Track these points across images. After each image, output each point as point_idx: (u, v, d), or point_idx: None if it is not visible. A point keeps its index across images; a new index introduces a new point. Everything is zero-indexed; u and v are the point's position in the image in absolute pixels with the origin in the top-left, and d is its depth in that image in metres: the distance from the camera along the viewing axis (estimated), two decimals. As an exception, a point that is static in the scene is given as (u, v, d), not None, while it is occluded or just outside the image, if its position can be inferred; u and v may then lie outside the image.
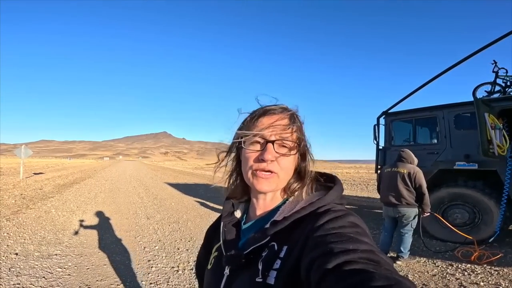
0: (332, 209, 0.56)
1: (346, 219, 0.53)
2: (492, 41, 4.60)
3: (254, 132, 0.61)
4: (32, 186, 11.91)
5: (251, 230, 0.64)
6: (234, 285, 0.59)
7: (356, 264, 0.41)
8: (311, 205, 0.58)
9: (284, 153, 0.60)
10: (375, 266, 0.40)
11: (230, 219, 0.70)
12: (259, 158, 0.60)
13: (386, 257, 0.45)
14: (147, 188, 13.16)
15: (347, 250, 0.44)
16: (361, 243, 0.46)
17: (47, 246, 4.32)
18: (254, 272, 0.55)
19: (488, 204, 4.46)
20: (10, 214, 6.44)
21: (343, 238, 0.47)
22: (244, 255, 0.58)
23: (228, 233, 0.67)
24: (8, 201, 8.13)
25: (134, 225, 5.95)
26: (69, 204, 8.09)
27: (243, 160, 0.63)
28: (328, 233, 0.49)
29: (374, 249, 0.46)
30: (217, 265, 0.66)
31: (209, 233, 0.81)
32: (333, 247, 0.45)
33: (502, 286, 3.09)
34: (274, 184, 0.61)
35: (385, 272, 0.39)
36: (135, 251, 4.31)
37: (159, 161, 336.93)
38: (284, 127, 0.61)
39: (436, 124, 5.32)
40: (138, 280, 3.32)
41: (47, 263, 3.66)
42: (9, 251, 4.05)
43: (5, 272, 3.34)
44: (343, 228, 0.50)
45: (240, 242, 0.65)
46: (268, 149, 0.59)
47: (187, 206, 8.33)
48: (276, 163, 0.60)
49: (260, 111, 0.64)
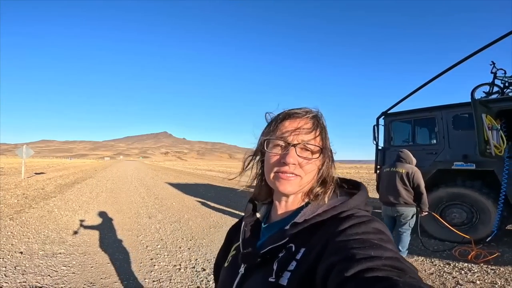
0: (355, 214, 0.55)
1: (370, 225, 0.51)
2: (491, 42, 4.65)
3: (277, 135, 0.62)
4: (34, 186, 11.98)
5: (271, 231, 0.65)
6: (247, 283, 0.59)
7: (379, 271, 0.39)
8: (334, 209, 0.57)
9: (306, 156, 0.60)
10: (400, 274, 0.39)
11: (251, 219, 0.71)
12: (281, 161, 0.60)
13: (411, 265, 0.43)
14: (148, 188, 13.23)
15: (370, 256, 0.42)
16: (386, 250, 0.44)
17: (51, 245, 4.39)
18: (268, 271, 0.54)
19: (486, 204, 4.52)
20: (13, 213, 6.51)
21: (366, 244, 0.45)
22: (261, 254, 0.58)
23: (247, 233, 0.68)
24: (10, 200, 8.20)
25: (136, 224, 6.02)
26: (71, 203, 8.16)
27: (266, 163, 0.64)
28: (351, 238, 0.48)
29: (398, 256, 0.44)
30: (233, 263, 0.66)
31: (230, 233, 0.81)
32: (355, 253, 0.43)
33: (498, 284, 3.15)
34: (296, 186, 0.61)
35: (410, 280, 0.37)
36: (137, 250, 4.38)
37: (160, 161, 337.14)
38: (307, 130, 0.61)
39: (435, 124, 5.38)
40: (142, 278, 3.39)
41: (51, 262, 3.73)
42: (14, 250, 4.11)
43: (11, 271, 3.40)
44: (366, 234, 0.49)
45: (258, 242, 0.65)
46: (290, 152, 0.59)
47: (188, 206, 8.40)
48: (298, 167, 0.60)
49: (283, 115, 0.64)
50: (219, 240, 5.01)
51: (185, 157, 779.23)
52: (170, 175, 23.38)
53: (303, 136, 0.60)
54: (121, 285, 3.19)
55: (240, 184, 0.75)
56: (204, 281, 3.35)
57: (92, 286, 3.14)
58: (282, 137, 0.61)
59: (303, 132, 0.60)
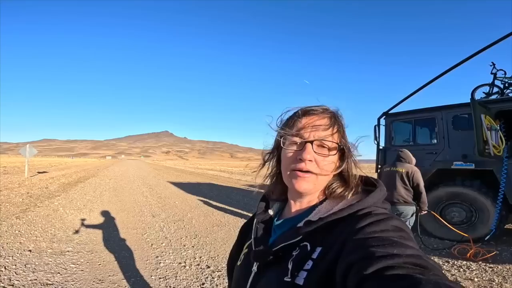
0: (373, 212, 0.54)
1: (389, 222, 0.50)
2: (491, 43, 4.70)
3: (294, 131, 0.61)
4: (37, 185, 12.09)
5: (283, 228, 0.64)
6: (261, 282, 0.58)
7: (401, 269, 0.38)
8: (350, 207, 0.55)
9: (323, 153, 0.60)
10: (422, 271, 0.38)
11: (263, 216, 0.71)
12: (298, 157, 0.59)
13: (434, 262, 0.42)
14: (150, 187, 13.34)
15: (391, 254, 0.41)
16: (406, 248, 0.43)
17: (59, 243, 4.49)
18: (283, 270, 0.54)
19: (485, 203, 4.59)
20: (19, 212, 6.60)
21: (385, 242, 0.44)
22: (273, 252, 0.57)
23: (259, 230, 0.68)
24: (15, 199, 8.31)
25: (140, 223, 6.12)
26: (75, 202, 8.27)
27: (283, 160, 0.64)
28: (369, 236, 0.47)
29: (420, 254, 0.43)
30: (246, 262, 0.66)
31: (243, 231, 0.81)
32: (374, 251, 0.43)
33: (495, 282, 3.22)
34: (312, 184, 0.60)
35: (434, 277, 0.36)
36: (143, 248, 4.48)
37: (161, 160, 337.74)
38: (324, 127, 0.61)
39: (435, 124, 5.45)
40: (148, 275, 3.49)
41: (60, 260, 3.83)
42: (23, 248, 4.21)
43: (21, 269, 3.49)
44: (385, 232, 0.47)
45: (270, 239, 0.65)
46: (306, 148, 0.59)
47: (191, 205, 8.50)
48: (314, 164, 0.59)
49: (300, 111, 0.64)
50: (222, 238, 5.11)
51: (186, 156, 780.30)
52: (172, 174, 23.51)
53: (320, 133, 0.60)
54: (129, 282, 3.29)
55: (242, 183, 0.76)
56: (209, 278, 3.44)
57: (101, 283, 3.24)
58: (298, 134, 0.61)
59: (320, 129, 0.60)
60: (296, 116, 0.63)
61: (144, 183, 14.97)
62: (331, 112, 0.64)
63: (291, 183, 0.61)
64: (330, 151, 0.60)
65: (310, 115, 0.62)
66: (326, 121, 0.62)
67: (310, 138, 0.60)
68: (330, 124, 0.61)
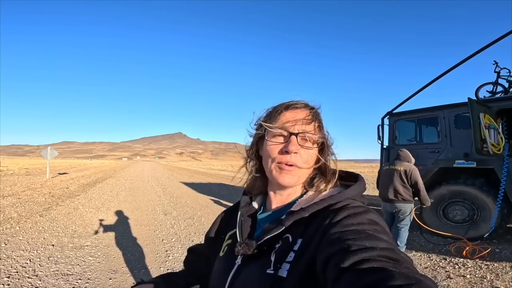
0: (351, 205, 0.55)
1: (365, 216, 0.52)
2: (492, 42, 4.71)
3: (278, 124, 0.62)
4: (58, 186, 12.77)
5: (267, 221, 0.64)
6: (243, 274, 0.58)
7: (375, 262, 0.40)
8: (331, 198, 0.57)
9: (306, 145, 0.61)
10: (395, 265, 0.39)
11: (247, 209, 0.71)
12: (283, 150, 0.60)
13: (406, 256, 0.43)
14: (164, 187, 13.80)
15: (365, 247, 0.43)
16: (380, 241, 0.45)
17: (79, 238, 4.88)
18: (266, 263, 0.54)
19: (486, 202, 4.62)
20: (42, 210, 7.10)
21: (361, 235, 0.46)
22: (257, 245, 0.57)
23: (244, 223, 0.67)
24: (38, 199, 8.88)
25: (153, 220, 6.47)
26: (94, 201, 8.77)
27: (265, 153, 0.64)
28: (346, 229, 0.48)
29: (393, 247, 0.45)
30: (229, 253, 0.65)
31: (224, 218, 0.82)
32: (350, 244, 0.44)
33: (487, 279, 3.29)
34: (296, 177, 0.61)
35: (405, 270, 0.38)
36: (154, 243, 4.80)
37: (175, 161, 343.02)
38: (307, 121, 0.62)
39: (437, 123, 5.50)
40: (157, 267, 3.78)
41: (80, 253, 4.18)
42: (46, 243, 4.59)
43: (45, 261, 3.83)
44: (361, 225, 0.49)
45: (256, 232, 0.65)
46: (292, 141, 0.59)
47: (201, 204, 8.82)
48: (299, 156, 0.60)
49: (283, 105, 0.65)
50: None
51: (200, 157, 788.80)
52: (185, 175, 24.06)
53: (303, 127, 0.61)
54: (140, 273, 3.59)
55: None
56: (213, 270, 3.70)
57: (115, 273, 3.55)
58: (283, 126, 0.61)
59: (304, 122, 0.62)
60: (279, 110, 0.64)
61: (158, 183, 15.47)
62: (312, 107, 0.66)
63: (275, 176, 0.62)
64: (313, 144, 0.62)
65: (293, 109, 0.64)
66: (308, 115, 0.63)
67: (295, 131, 0.61)
68: (312, 119, 0.63)
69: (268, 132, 0.63)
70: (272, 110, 0.66)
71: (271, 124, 0.62)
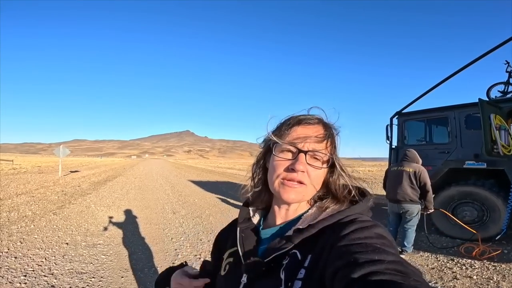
0: (358, 219, 0.55)
1: (373, 230, 0.51)
2: (503, 42, 4.63)
3: (288, 140, 0.60)
4: (70, 184, 13.08)
5: (272, 237, 0.62)
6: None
7: (383, 275, 0.39)
8: (339, 213, 0.56)
9: (315, 165, 0.59)
10: (403, 277, 0.39)
11: (247, 225, 0.68)
12: (289, 167, 0.58)
13: (415, 268, 0.43)
14: (172, 185, 14.00)
15: (373, 260, 0.42)
16: (388, 254, 0.44)
17: (92, 237, 5.02)
18: (276, 281, 0.53)
19: (496, 203, 4.57)
20: (56, 209, 7.31)
21: (368, 249, 0.46)
22: (265, 263, 0.56)
23: (246, 239, 0.64)
24: (51, 197, 9.13)
25: (162, 219, 6.60)
26: (105, 200, 8.97)
27: (271, 167, 0.62)
28: (353, 243, 0.48)
29: (402, 260, 0.44)
30: (232, 272, 0.63)
31: (220, 238, 0.79)
32: (358, 257, 0.44)
33: (493, 280, 3.28)
34: (301, 195, 0.60)
35: (414, 283, 0.38)
36: (163, 241, 4.91)
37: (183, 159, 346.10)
38: (319, 139, 0.60)
39: (447, 124, 5.44)
40: (167, 265, 3.86)
41: (93, 251, 4.31)
42: (60, 241, 4.73)
43: (60, 259, 3.95)
44: (369, 239, 0.49)
45: (259, 249, 0.62)
46: (299, 159, 0.58)
47: (209, 203, 8.93)
48: (306, 175, 0.58)
49: (295, 120, 0.62)
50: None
51: (207, 155, 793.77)
52: (193, 173, 24.30)
53: (314, 145, 0.59)
54: (150, 271, 3.69)
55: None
56: (221, 269, 3.78)
57: (127, 271, 3.66)
58: (292, 143, 0.59)
59: (315, 140, 0.59)
60: (291, 125, 0.62)
61: (167, 182, 15.69)
62: (326, 124, 0.63)
63: (280, 192, 0.60)
64: (322, 163, 0.60)
65: (305, 124, 0.61)
66: (321, 132, 0.61)
67: (304, 149, 0.59)
68: (324, 137, 0.60)
69: (276, 146, 0.61)
70: (283, 122, 0.64)
71: (280, 139, 0.60)
